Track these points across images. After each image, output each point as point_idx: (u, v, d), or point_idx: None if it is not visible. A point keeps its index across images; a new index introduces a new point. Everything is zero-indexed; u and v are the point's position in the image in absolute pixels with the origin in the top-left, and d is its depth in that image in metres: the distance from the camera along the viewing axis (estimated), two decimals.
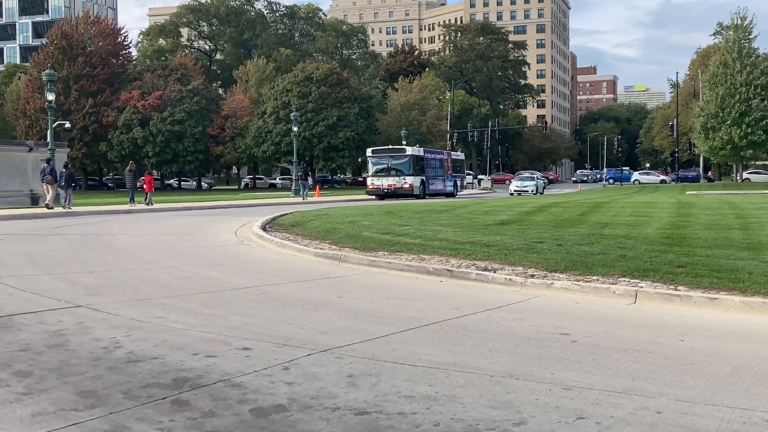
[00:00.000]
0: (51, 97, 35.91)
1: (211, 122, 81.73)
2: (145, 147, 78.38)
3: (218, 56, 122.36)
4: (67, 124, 54.42)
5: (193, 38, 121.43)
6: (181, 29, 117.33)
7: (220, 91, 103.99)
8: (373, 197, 48.67)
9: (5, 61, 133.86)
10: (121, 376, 6.12)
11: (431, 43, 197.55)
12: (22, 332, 7.78)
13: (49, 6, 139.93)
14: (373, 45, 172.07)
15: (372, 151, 51.32)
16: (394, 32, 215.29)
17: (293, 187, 52.88)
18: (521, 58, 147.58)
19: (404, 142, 74.96)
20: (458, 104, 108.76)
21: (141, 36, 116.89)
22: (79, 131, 76.91)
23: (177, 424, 4.99)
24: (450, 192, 55.38)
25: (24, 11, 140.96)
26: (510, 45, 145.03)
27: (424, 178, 50.20)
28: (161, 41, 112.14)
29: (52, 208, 31.10)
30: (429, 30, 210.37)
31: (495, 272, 11.33)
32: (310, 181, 53.14)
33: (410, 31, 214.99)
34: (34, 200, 38.66)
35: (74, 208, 31.87)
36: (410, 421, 5.03)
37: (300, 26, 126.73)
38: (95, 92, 79.76)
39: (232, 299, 9.79)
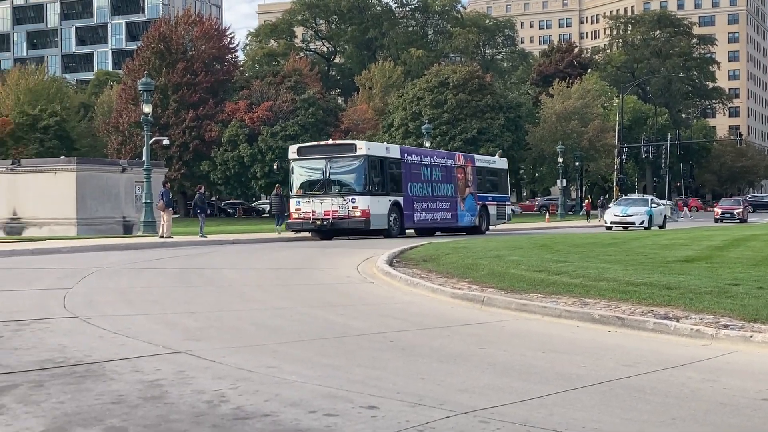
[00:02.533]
0: (147, 109, 37.61)
1: (329, 137, 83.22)
2: (253, 167, 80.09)
3: (338, 59, 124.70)
4: (165, 141, 56.58)
5: (308, 39, 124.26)
6: (295, 28, 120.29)
7: (340, 100, 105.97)
8: (294, 233, 36.18)
9: (95, 68, 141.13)
10: None
11: (594, 38, 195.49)
12: (114, 382, 8.13)
13: (145, 4, 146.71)
14: (522, 42, 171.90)
15: (297, 150, 36.33)
16: (549, 26, 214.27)
17: None
18: (708, 55, 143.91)
19: (560, 160, 74.22)
20: (628, 113, 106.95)
21: (249, 37, 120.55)
22: (177, 148, 79.51)
23: None
24: (469, 225, 41.32)
25: (117, 11, 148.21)
26: (694, 40, 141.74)
27: (401, 199, 35.91)
28: (272, 43, 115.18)
29: (170, 237, 32.75)
30: (592, 23, 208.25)
31: (678, 321, 11.04)
32: None
33: (568, 25, 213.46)
34: (127, 228, 40.47)
35: (177, 239, 33.24)
36: None
37: (434, 22, 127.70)
38: (197, 103, 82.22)
39: (355, 347, 9.92)
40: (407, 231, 37.37)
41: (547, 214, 70.14)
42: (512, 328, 11.52)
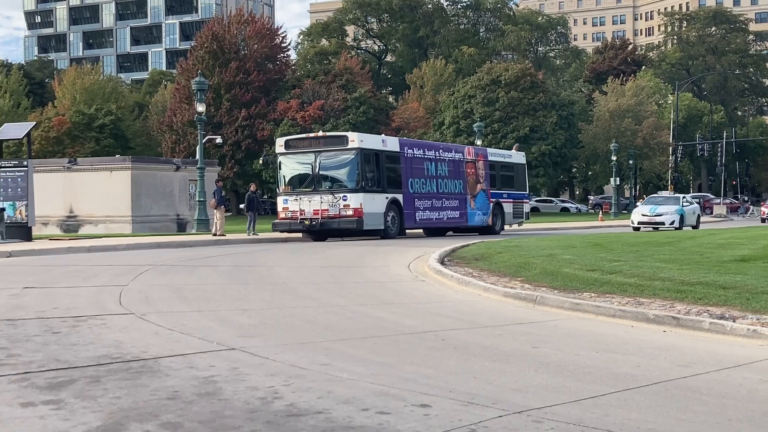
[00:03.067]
0: (201, 108, 38.02)
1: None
2: None
3: (388, 58, 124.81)
4: (219, 139, 57.14)
5: (360, 37, 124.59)
6: (346, 27, 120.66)
7: (390, 98, 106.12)
8: (282, 233, 33.33)
9: (150, 68, 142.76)
10: None
11: (648, 35, 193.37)
12: (169, 378, 8.23)
13: (199, 4, 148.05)
14: (575, 39, 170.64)
15: (285, 143, 33.55)
16: (602, 23, 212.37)
17: None
18: (765, 52, 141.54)
19: (614, 158, 73.48)
20: (683, 110, 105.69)
21: (301, 36, 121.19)
22: (230, 147, 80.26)
23: None
24: (481, 225, 38.43)
25: (171, 11, 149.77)
26: (751, 36, 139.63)
27: (401, 197, 33.30)
28: (324, 42, 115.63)
29: (223, 235, 33.18)
30: (646, 20, 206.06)
31: (734, 321, 10.89)
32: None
33: (622, 22, 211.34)
34: (181, 226, 40.95)
35: (230, 236, 33.57)
36: None
37: (486, 19, 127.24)
38: (249, 102, 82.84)
39: (407, 346, 9.94)
40: (409, 231, 35.11)
41: (600, 212, 69.46)
42: (565, 328, 11.45)
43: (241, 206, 70.38)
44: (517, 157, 43.29)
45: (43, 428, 6.53)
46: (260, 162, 37.07)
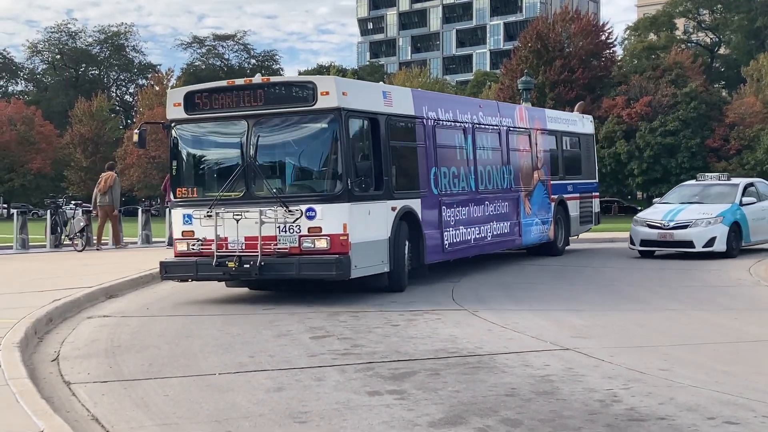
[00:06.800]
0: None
1: (713, 132, 79.91)
2: (630, 163, 79.04)
3: (722, 50, 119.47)
4: None
5: (691, 30, 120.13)
6: (676, 20, 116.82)
7: (724, 92, 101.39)
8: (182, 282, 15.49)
9: (474, 69, 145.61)
10: None
11: None
12: (506, 374, 8.39)
13: (523, 4, 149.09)
14: None
15: (186, 97, 14.51)
16: None
17: None
18: None
19: None
20: None
21: (628, 31, 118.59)
22: None
23: None
24: (538, 242, 21.31)
25: (495, 11, 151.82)
26: None
27: (417, 204, 15.61)
28: (651, 36, 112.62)
29: None
30: None
31: None
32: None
33: None
34: None
35: None
36: None
37: None
38: (573, 100, 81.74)
39: (751, 354, 9.50)
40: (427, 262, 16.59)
41: None
42: None
43: None
44: (583, 123, 25.67)
45: (390, 417, 6.88)
46: (135, 138, 16.48)
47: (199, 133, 14.48)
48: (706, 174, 24.40)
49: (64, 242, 24.85)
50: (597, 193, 26.42)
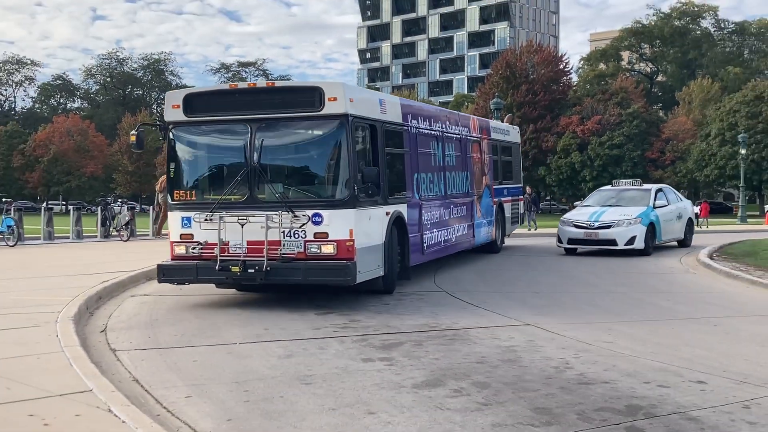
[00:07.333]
0: None
1: (651, 146, 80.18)
2: (582, 171, 79.58)
3: (659, 78, 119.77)
4: None
5: (634, 61, 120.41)
6: (621, 53, 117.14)
7: (661, 113, 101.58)
8: (178, 285, 12.69)
9: (454, 92, 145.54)
10: (573, 397, 6.27)
11: None
12: (477, 345, 8.38)
13: (495, 38, 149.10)
14: None
15: (186, 99, 11.95)
16: None
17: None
18: None
19: None
20: None
21: (582, 61, 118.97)
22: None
23: None
24: (486, 241, 19.33)
25: (472, 44, 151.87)
26: None
27: (404, 210, 13.27)
28: (601, 65, 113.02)
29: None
30: None
31: None
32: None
33: None
34: None
35: (517, 231, 33.35)
36: None
37: (750, 43, 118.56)
38: (536, 118, 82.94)
39: (681, 329, 9.49)
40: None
41: None
42: None
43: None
44: (513, 133, 23.86)
45: (381, 380, 6.87)
46: (132, 140, 12.84)
47: (198, 135, 12.01)
48: (621, 180, 23.72)
49: (112, 233, 24.79)
50: (522, 196, 24.79)
